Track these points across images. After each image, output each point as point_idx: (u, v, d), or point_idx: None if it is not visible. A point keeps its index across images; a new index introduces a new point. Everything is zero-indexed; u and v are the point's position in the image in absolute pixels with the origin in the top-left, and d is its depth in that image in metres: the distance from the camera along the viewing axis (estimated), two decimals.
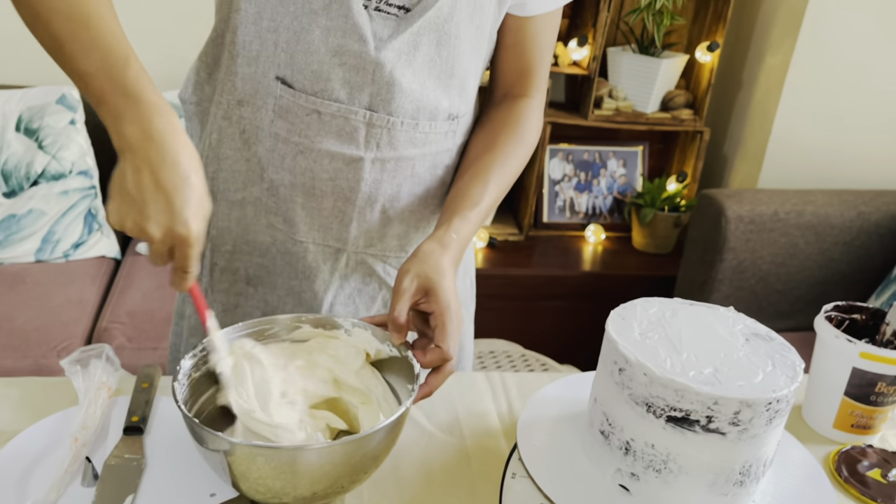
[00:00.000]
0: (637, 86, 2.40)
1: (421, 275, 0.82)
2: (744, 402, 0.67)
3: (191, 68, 0.96)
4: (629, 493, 0.73)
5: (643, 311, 0.79)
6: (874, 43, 2.23)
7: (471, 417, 0.95)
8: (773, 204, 2.01)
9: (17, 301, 1.86)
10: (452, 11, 0.86)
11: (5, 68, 2.23)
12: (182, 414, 0.70)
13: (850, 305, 1.05)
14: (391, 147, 0.91)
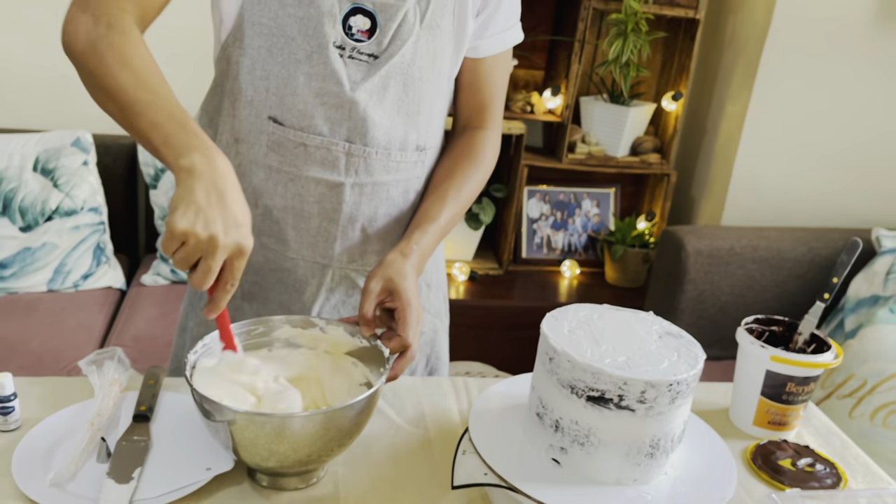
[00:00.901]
0: (608, 132, 2.57)
1: (385, 278, 0.97)
2: (648, 384, 0.80)
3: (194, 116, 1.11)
4: (560, 465, 0.86)
5: (574, 314, 0.92)
6: (823, 92, 2.40)
7: (435, 413, 1.08)
8: (730, 239, 2.15)
9: (31, 326, 1.99)
10: (414, 58, 1.01)
11: (25, 114, 2.39)
12: (192, 391, 0.83)
13: (768, 318, 1.19)
14: (368, 174, 1.05)
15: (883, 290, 2.00)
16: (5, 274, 2.11)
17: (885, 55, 2.35)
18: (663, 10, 2.40)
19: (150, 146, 0.87)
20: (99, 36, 0.89)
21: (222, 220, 0.79)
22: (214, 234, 0.78)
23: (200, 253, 0.79)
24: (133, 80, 0.87)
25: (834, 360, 1.09)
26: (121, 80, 0.88)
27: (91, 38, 0.90)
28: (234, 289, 0.84)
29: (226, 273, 0.82)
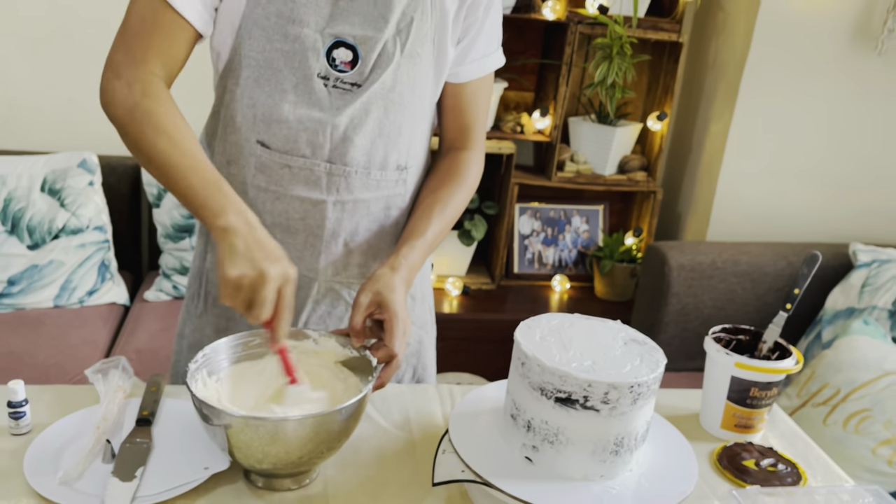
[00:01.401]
0: (596, 151, 2.63)
1: (374, 291, 1.03)
2: (611, 385, 0.86)
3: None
4: (532, 462, 0.92)
5: (546, 322, 0.98)
6: (801, 112, 2.47)
7: (420, 417, 1.14)
8: (712, 254, 2.22)
9: (38, 340, 2.05)
10: (395, 84, 1.08)
11: (33, 137, 2.46)
12: (192, 397, 0.89)
13: (735, 328, 1.25)
14: (348, 191, 1.12)
15: (858, 303, 2.06)
16: (13, 290, 2.17)
17: (860, 77, 2.42)
18: (647, 34, 2.47)
19: (188, 205, 0.97)
20: (135, 103, 0.98)
21: (265, 258, 0.91)
22: (263, 269, 0.90)
23: (255, 291, 0.89)
24: (169, 146, 0.97)
25: (794, 367, 1.15)
26: (158, 146, 0.97)
27: (128, 105, 0.98)
28: (291, 316, 0.93)
29: (279, 303, 0.92)
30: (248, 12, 1.04)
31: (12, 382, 1.00)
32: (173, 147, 0.97)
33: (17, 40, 2.39)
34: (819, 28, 2.37)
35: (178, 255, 2.36)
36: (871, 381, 1.72)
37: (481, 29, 1.15)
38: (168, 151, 0.97)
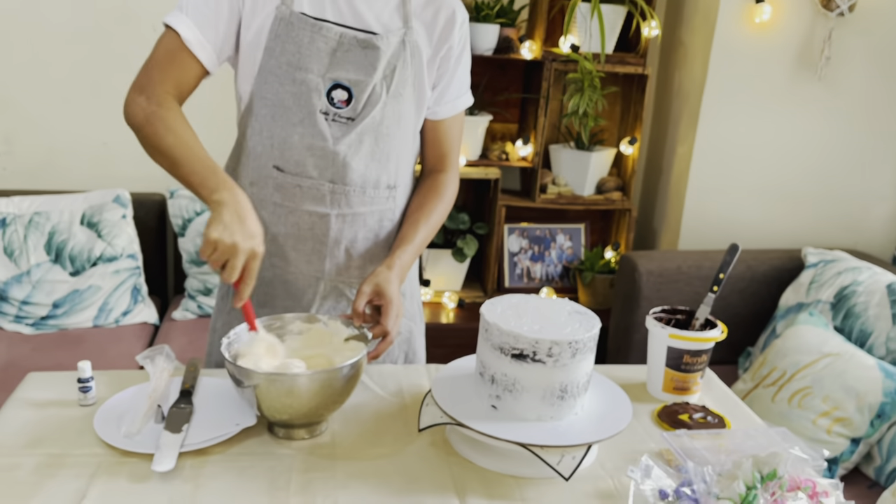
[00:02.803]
0: (575, 174, 2.86)
1: (374, 283, 1.26)
2: (554, 342, 1.08)
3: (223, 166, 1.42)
4: (496, 409, 1.13)
5: (508, 300, 1.20)
6: (754, 134, 2.69)
7: (410, 388, 1.35)
8: (678, 261, 2.43)
9: (80, 356, 2.25)
10: (382, 118, 1.31)
11: (73, 177, 2.71)
12: (226, 360, 1.11)
13: (673, 309, 1.46)
14: (348, 206, 1.35)
15: (806, 298, 2.26)
16: (58, 313, 2.40)
17: (804, 99, 2.65)
18: (616, 68, 2.72)
19: (190, 187, 1.18)
20: (152, 111, 1.22)
21: (241, 233, 1.11)
22: (236, 241, 1.10)
23: (227, 255, 1.10)
24: (176, 141, 1.20)
25: (719, 336, 1.37)
26: (167, 141, 1.20)
27: (146, 113, 1.22)
28: (253, 283, 1.14)
29: (246, 272, 1.12)
30: (265, 63, 1.28)
31: (81, 363, 1.23)
32: (179, 142, 1.20)
33: (56, 94, 2.65)
34: (766, 58, 2.61)
35: (201, 278, 2.58)
36: (812, 362, 1.92)
37: (453, 76, 1.39)
38: (175, 145, 1.19)
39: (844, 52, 2.60)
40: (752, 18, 2.56)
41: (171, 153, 1.20)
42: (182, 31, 1.24)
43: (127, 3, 2.60)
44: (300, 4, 1.27)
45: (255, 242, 1.13)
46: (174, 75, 1.25)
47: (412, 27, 1.32)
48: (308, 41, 1.27)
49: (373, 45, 1.28)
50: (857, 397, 1.81)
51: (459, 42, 1.38)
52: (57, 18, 2.58)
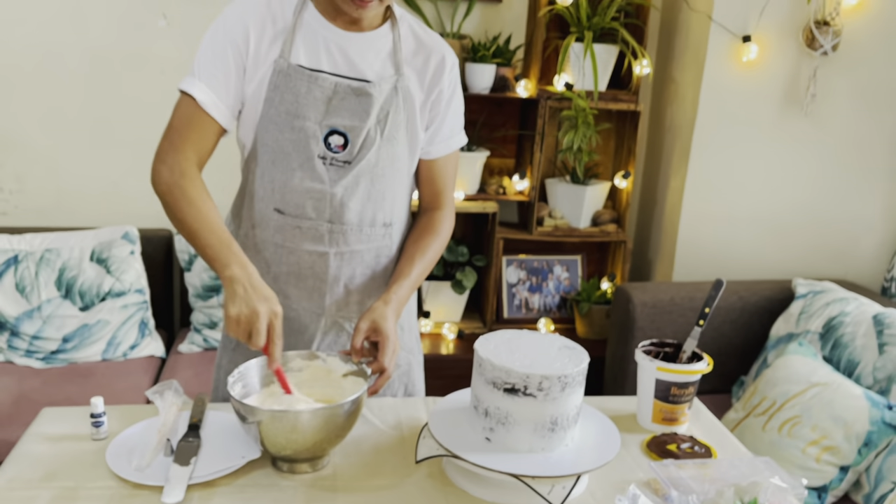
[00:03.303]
0: (570, 207, 2.93)
1: (371, 319, 1.32)
2: (543, 377, 1.13)
3: (227, 214, 1.49)
4: (490, 441, 1.18)
5: (500, 336, 1.25)
6: (744, 167, 2.76)
7: (409, 420, 1.40)
8: (671, 292, 2.49)
9: (89, 389, 2.32)
10: (377, 161, 1.38)
11: (83, 215, 2.78)
12: (232, 400, 1.16)
13: (662, 342, 1.51)
14: (346, 244, 1.41)
15: (795, 328, 2.31)
16: (67, 347, 2.46)
17: (791, 134, 2.72)
18: (609, 105, 2.79)
19: (205, 259, 1.27)
20: (174, 182, 1.30)
21: (257, 299, 1.19)
22: (255, 307, 1.18)
23: (251, 324, 1.17)
24: (195, 214, 1.28)
25: (705, 368, 1.42)
26: (187, 214, 1.28)
27: (168, 183, 1.31)
28: (281, 342, 1.21)
29: (271, 332, 1.20)
30: (265, 112, 1.35)
31: (94, 398, 1.28)
32: (198, 215, 1.28)
33: (66, 134, 2.73)
34: (754, 95, 2.68)
35: (207, 311, 2.64)
36: (801, 392, 1.97)
37: (445, 118, 1.45)
38: (194, 217, 1.27)
39: (829, 90, 2.67)
40: (740, 57, 2.64)
41: (189, 225, 1.28)
42: (197, 95, 1.32)
43: (136, 48, 2.69)
44: (297, 57, 1.34)
45: (272, 303, 1.20)
46: (193, 139, 1.33)
47: (404, 74, 1.39)
48: (305, 91, 1.33)
49: (366, 93, 1.35)
50: (845, 426, 1.86)
51: (450, 86, 1.44)
52: (69, 63, 2.67)
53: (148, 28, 2.68)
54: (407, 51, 1.40)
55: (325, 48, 1.35)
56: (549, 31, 2.84)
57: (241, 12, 1.34)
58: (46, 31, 2.63)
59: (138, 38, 2.68)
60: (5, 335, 2.43)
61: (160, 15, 2.68)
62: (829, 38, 2.55)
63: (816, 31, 2.55)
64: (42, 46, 2.64)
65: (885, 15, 2.62)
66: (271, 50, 1.33)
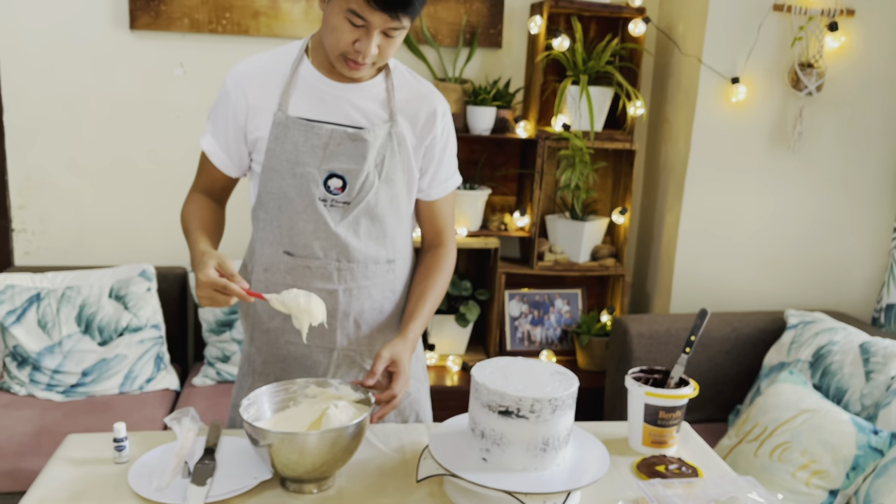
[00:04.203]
0: (570, 243, 3.01)
1: (392, 351, 1.40)
2: (535, 400, 1.21)
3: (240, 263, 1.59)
4: (486, 461, 1.25)
5: (496, 363, 1.33)
6: (736, 202, 2.84)
7: (411, 444, 1.47)
8: (667, 324, 2.55)
9: (107, 421, 2.39)
10: (376, 202, 1.47)
11: (102, 253, 2.88)
12: (244, 422, 1.24)
13: (651, 369, 1.59)
14: (353, 281, 1.50)
15: (787, 357, 2.37)
16: (86, 381, 2.54)
17: (780, 171, 2.81)
18: (605, 145, 2.89)
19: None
20: (185, 205, 1.50)
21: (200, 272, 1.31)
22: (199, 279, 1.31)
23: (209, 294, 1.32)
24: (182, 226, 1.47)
25: (691, 393, 1.49)
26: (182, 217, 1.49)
27: (183, 207, 1.50)
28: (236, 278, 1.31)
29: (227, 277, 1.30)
30: (267, 162, 1.46)
31: (117, 424, 1.36)
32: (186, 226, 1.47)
33: (87, 177, 2.84)
34: (744, 133, 2.78)
35: (220, 346, 2.72)
36: (791, 418, 2.02)
37: (441, 161, 1.55)
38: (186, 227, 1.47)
39: (815, 128, 2.77)
40: (729, 98, 2.74)
41: (183, 225, 1.49)
42: (206, 148, 1.51)
43: (154, 95, 2.82)
44: (295, 109, 1.45)
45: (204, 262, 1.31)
46: (204, 181, 1.54)
47: (397, 120, 1.49)
48: (303, 140, 1.44)
49: (361, 138, 1.45)
50: (833, 451, 1.91)
51: (443, 133, 1.54)
52: (91, 110, 2.79)
53: (165, 77, 2.81)
54: (400, 99, 1.50)
55: (321, 99, 1.46)
56: (546, 74, 2.95)
57: (241, 76, 1.48)
58: (70, 80, 2.76)
59: (156, 85, 2.81)
60: (27, 369, 2.52)
61: (177, 64, 2.81)
62: (813, 80, 2.66)
63: (801, 73, 2.66)
64: (66, 95, 2.77)
65: (866, 57, 2.73)
66: (270, 105, 1.45)
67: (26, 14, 2.70)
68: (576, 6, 2.81)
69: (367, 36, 1.35)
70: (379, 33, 1.36)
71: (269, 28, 2.80)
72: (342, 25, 1.35)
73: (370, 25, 1.34)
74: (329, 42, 1.39)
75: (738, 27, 2.69)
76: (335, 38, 1.37)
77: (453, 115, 2.82)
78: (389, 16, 1.32)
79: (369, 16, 1.32)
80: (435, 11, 2.90)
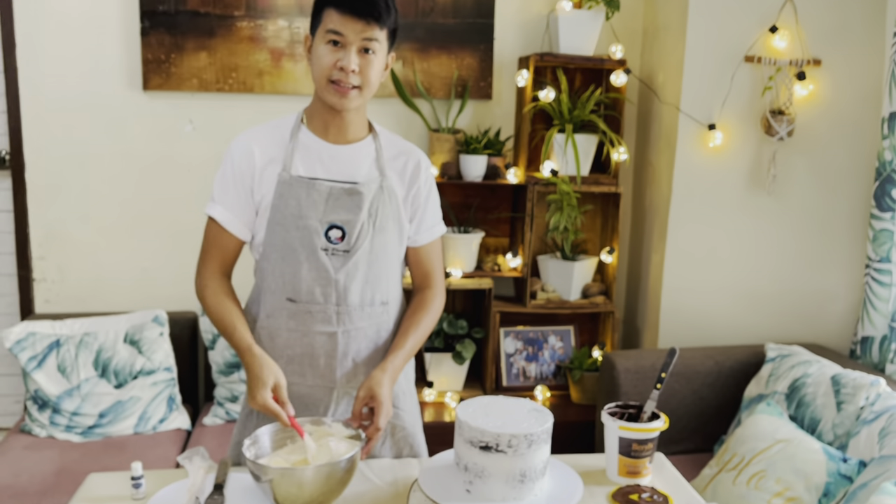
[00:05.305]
0: (561, 282, 3.13)
1: (367, 387, 1.52)
2: (512, 436, 1.32)
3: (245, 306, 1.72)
4: (470, 493, 1.37)
5: (479, 401, 1.45)
6: (716, 241, 2.96)
7: (404, 477, 1.58)
8: (652, 359, 2.66)
9: (123, 461, 2.50)
10: (371, 248, 1.60)
11: (116, 300, 3.02)
12: (247, 460, 1.35)
13: (626, 404, 1.69)
14: (351, 323, 1.62)
15: (765, 389, 2.48)
16: (103, 422, 2.66)
17: (757, 211, 2.93)
18: (592, 188, 3.02)
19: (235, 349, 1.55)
20: (200, 293, 1.64)
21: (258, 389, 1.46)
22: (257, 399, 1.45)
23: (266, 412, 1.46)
24: (215, 319, 1.60)
25: (661, 426, 1.60)
26: (211, 317, 1.60)
27: (198, 293, 1.63)
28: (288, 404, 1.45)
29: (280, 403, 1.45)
30: (272, 217, 1.59)
31: (134, 463, 1.48)
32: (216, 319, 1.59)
33: (102, 229, 2.99)
34: (722, 176, 2.91)
35: (229, 386, 2.84)
36: (766, 448, 2.12)
37: (426, 209, 1.69)
38: (216, 321, 1.59)
39: (788, 171, 2.90)
40: (707, 143, 2.88)
41: (216, 325, 1.61)
42: (217, 216, 1.62)
43: (165, 150, 2.97)
44: (297, 169, 1.60)
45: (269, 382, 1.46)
46: (215, 254, 1.63)
47: (387, 175, 1.64)
48: (305, 195, 1.58)
49: (357, 192, 1.59)
50: (805, 478, 2.01)
51: (426, 184, 1.69)
52: (106, 165, 2.95)
53: (176, 133, 2.97)
54: (387, 157, 1.66)
55: (320, 160, 1.61)
56: (534, 123, 3.10)
57: (246, 143, 1.62)
58: (87, 139, 2.93)
59: (167, 142, 2.97)
60: (48, 412, 2.64)
61: (187, 121, 2.97)
62: (784, 126, 2.80)
63: (772, 119, 2.80)
64: (83, 153, 2.93)
65: (833, 104, 2.87)
66: (274, 167, 1.59)
67: (47, 80, 2.88)
68: (560, 59, 2.97)
69: (347, 53, 1.52)
70: (357, 52, 1.52)
71: (272, 86, 2.97)
72: (324, 50, 1.53)
73: (347, 41, 1.51)
74: (316, 74, 1.56)
75: (713, 77, 2.84)
76: (320, 65, 1.54)
77: (447, 164, 2.99)
78: (362, 21, 1.50)
79: (344, 27, 1.50)
80: (428, 67, 3.07)
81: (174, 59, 2.89)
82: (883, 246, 2.66)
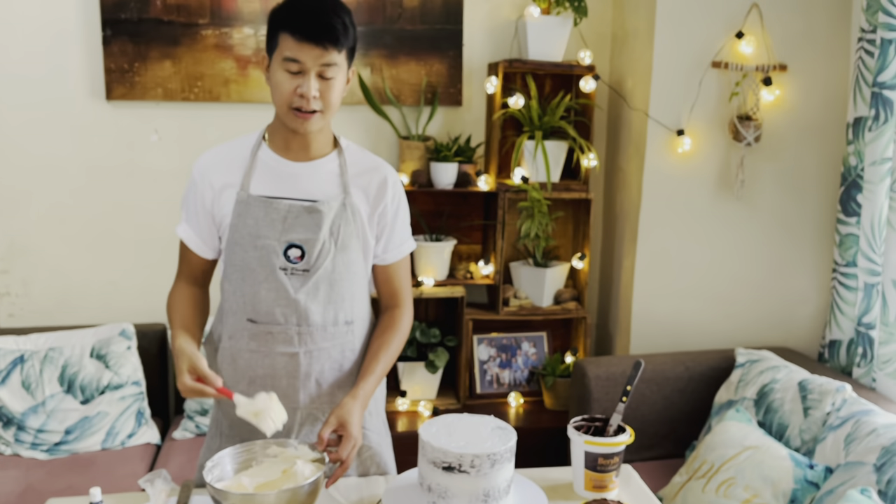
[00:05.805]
0: (533, 288, 3.14)
1: (338, 415, 1.50)
2: (475, 456, 1.32)
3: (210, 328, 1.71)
4: None
5: (443, 420, 1.44)
6: (686, 245, 2.98)
7: (370, 497, 1.57)
8: (622, 365, 2.67)
9: (90, 478, 2.46)
10: (333, 268, 1.58)
11: (83, 313, 2.98)
12: (208, 484, 1.34)
13: (592, 417, 1.70)
14: (313, 343, 1.61)
15: (735, 395, 2.49)
16: (70, 438, 2.62)
17: (726, 215, 2.95)
18: (562, 195, 3.03)
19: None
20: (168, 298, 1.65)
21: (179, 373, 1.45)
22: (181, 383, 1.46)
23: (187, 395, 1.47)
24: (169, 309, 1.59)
25: (627, 440, 1.60)
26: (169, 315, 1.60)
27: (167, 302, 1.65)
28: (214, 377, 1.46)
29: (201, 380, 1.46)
30: (231, 237, 1.58)
31: (92, 489, 1.45)
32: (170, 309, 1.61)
33: (68, 241, 2.95)
34: (690, 182, 2.93)
35: (198, 399, 2.81)
36: (735, 455, 2.14)
37: (394, 227, 1.68)
38: (169, 319, 1.60)
39: (756, 176, 2.92)
40: (676, 149, 2.89)
41: (167, 316, 1.61)
42: (182, 235, 1.65)
43: (131, 160, 2.94)
44: (255, 188, 1.59)
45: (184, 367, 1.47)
46: (186, 269, 1.69)
47: (350, 192, 1.62)
48: (263, 215, 1.57)
49: (316, 210, 1.58)
50: (773, 485, 2.02)
51: (394, 201, 1.67)
52: (70, 176, 2.91)
53: (141, 143, 2.94)
54: (352, 173, 1.63)
55: (279, 178, 1.59)
56: (504, 130, 3.10)
57: (205, 164, 1.62)
58: (50, 150, 2.88)
59: (132, 152, 2.94)
60: (12, 430, 2.60)
61: (152, 131, 2.94)
62: (751, 131, 2.82)
63: (740, 125, 2.82)
64: (47, 164, 2.89)
65: (799, 109, 2.90)
66: (232, 189, 1.59)
67: (8, 89, 2.83)
68: (529, 66, 2.97)
69: (306, 80, 1.50)
70: (315, 77, 1.50)
71: (238, 94, 2.94)
72: (283, 77, 1.51)
73: (305, 67, 1.49)
74: (277, 100, 1.55)
75: (681, 83, 2.85)
76: (280, 92, 1.53)
77: (418, 172, 2.98)
78: (318, 47, 1.47)
79: (301, 54, 1.48)
80: (397, 73, 3.06)
81: (138, 68, 2.86)
82: (849, 250, 2.69)
